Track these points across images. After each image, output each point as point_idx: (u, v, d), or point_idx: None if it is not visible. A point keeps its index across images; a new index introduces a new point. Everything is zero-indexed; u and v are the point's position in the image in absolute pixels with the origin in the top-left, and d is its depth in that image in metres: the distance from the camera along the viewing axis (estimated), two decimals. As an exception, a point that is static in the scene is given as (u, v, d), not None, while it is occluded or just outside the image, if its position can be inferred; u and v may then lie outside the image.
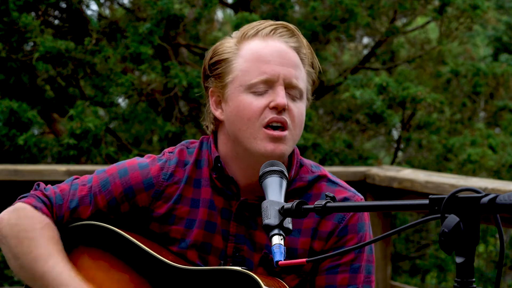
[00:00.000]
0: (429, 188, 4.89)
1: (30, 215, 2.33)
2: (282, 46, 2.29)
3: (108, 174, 2.38)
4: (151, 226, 2.37)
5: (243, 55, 2.29)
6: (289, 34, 2.31)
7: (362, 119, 9.79)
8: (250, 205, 2.33)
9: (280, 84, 2.25)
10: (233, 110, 2.28)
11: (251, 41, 2.30)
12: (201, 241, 2.34)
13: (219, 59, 2.32)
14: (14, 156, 8.18)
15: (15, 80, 8.63)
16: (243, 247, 2.33)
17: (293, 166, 2.36)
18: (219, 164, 2.33)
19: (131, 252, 2.29)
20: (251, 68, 2.27)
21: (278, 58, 2.27)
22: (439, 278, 10.55)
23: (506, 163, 9.83)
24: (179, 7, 8.63)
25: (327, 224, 2.33)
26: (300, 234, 2.32)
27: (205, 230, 2.34)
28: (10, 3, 8.25)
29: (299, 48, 2.31)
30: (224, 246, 2.34)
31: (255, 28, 2.31)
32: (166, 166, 2.37)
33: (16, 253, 2.32)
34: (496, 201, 1.65)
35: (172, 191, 2.36)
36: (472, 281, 1.70)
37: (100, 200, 2.35)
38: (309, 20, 9.57)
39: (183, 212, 2.35)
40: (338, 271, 2.32)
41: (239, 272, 2.17)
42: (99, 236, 2.34)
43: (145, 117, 10.18)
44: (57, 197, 2.37)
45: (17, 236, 2.31)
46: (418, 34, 11.64)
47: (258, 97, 2.26)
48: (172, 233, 2.35)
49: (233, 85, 2.28)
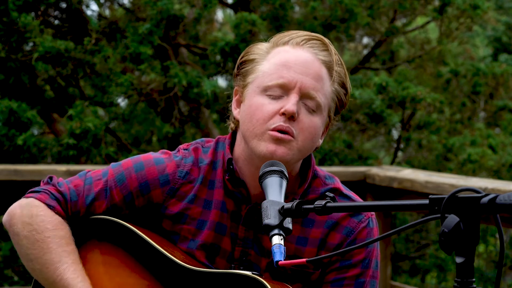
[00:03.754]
0: (429, 188, 4.90)
1: (42, 214, 2.32)
2: (309, 57, 2.26)
3: (124, 168, 2.36)
4: (163, 223, 2.37)
5: (269, 59, 2.29)
6: (322, 47, 2.28)
7: (362, 119, 9.79)
8: (259, 211, 2.32)
9: (295, 92, 2.23)
10: (247, 109, 2.28)
11: (282, 47, 2.29)
12: (210, 242, 2.33)
13: (247, 59, 2.32)
14: (14, 156, 8.18)
15: (14, 80, 8.63)
16: (250, 251, 2.33)
17: (306, 181, 2.34)
18: (231, 166, 2.32)
19: (142, 250, 2.30)
20: (272, 71, 2.26)
21: (301, 67, 2.25)
22: (439, 278, 10.55)
23: (506, 163, 9.84)
24: (179, 7, 8.64)
25: (335, 236, 2.32)
26: (307, 243, 2.31)
27: (215, 232, 2.33)
28: (10, 3, 8.25)
29: (329, 62, 2.28)
30: (232, 249, 2.33)
31: (289, 36, 2.31)
32: (182, 163, 2.36)
33: (28, 255, 2.33)
34: (496, 201, 1.65)
35: (187, 190, 2.35)
36: (472, 281, 1.70)
37: (116, 195, 2.35)
38: (309, 20, 9.57)
39: (196, 212, 2.35)
40: (343, 284, 2.32)
41: (249, 277, 2.17)
42: (112, 231, 2.34)
43: (144, 118, 10.19)
44: (71, 193, 2.36)
45: (29, 237, 2.32)
46: (418, 34, 11.64)
47: (272, 101, 2.24)
48: (183, 232, 2.35)
49: (252, 85, 2.28)
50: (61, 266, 2.29)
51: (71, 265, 2.30)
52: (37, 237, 2.30)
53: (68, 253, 2.31)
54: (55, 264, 2.29)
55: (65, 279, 2.28)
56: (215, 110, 9.59)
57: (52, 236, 2.30)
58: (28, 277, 8.38)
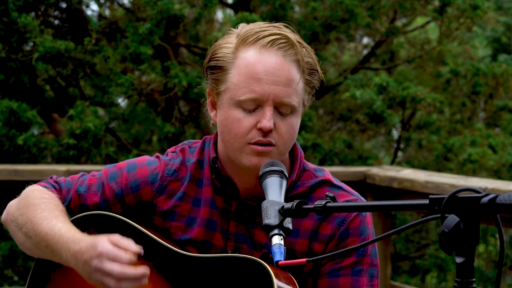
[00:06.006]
0: (429, 188, 4.90)
1: (38, 189, 2.39)
2: (277, 61, 2.23)
3: (117, 168, 2.44)
4: (154, 221, 2.40)
5: (238, 66, 2.25)
6: (288, 46, 2.25)
7: (362, 119, 9.79)
8: (249, 206, 2.34)
9: (269, 104, 2.22)
10: (223, 121, 2.28)
11: (248, 50, 2.25)
12: (201, 239, 2.35)
13: (215, 65, 2.29)
14: (14, 156, 8.18)
15: (15, 80, 8.64)
16: (243, 246, 2.34)
17: (294, 170, 2.35)
18: (216, 165, 2.35)
19: (138, 240, 2.31)
20: (243, 84, 2.23)
21: (271, 76, 2.23)
22: (439, 278, 10.55)
23: (506, 163, 9.84)
24: (179, 7, 8.64)
25: (327, 227, 2.31)
26: (298, 235, 2.31)
27: (206, 229, 2.35)
28: (10, 3, 8.25)
29: (297, 61, 2.26)
30: (224, 244, 2.35)
31: (255, 35, 2.26)
32: (170, 163, 2.41)
33: (21, 222, 2.34)
34: (496, 201, 1.65)
35: (175, 187, 2.39)
36: (472, 281, 1.70)
37: (108, 190, 2.40)
38: (309, 20, 9.57)
39: (185, 209, 2.37)
40: (340, 274, 2.30)
41: (249, 259, 2.16)
42: (106, 225, 2.37)
43: (144, 117, 10.19)
44: (66, 182, 2.45)
45: (24, 206, 2.35)
46: (418, 34, 11.64)
47: (247, 115, 2.24)
48: (172, 229, 2.38)
49: (225, 95, 2.27)
50: (54, 220, 2.28)
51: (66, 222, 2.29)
52: (32, 202, 2.34)
53: (62, 215, 2.32)
54: (49, 219, 2.28)
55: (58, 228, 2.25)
56: (215, 110, 9.57)
57: (48, 202, 2.34)
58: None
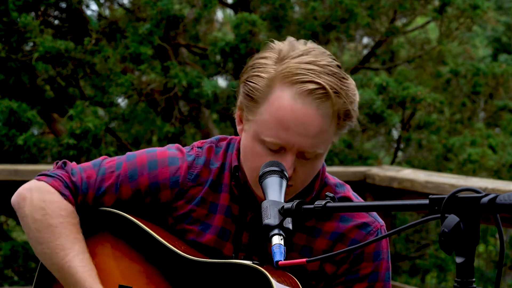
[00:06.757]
0: (429, 188, 4.90)
1: (57, 201, 2.34)
2: (310, 113, 2.14)
3: (138, 164, 2.37)
4: (169, 221, 2.37)
5: (270, 103, 2.17)
6: (325, 97, 2.13)
7: (362, 119, 9.79)
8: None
9: (292, 152, 2.16)
10: (246, 147, 2.24)
11: (284, 90, 2.16)
12: (212, 246, 2.33)
13: (248, 93, 2.21)
14: (14, 156, 8.18)
15: (15, 80, 8.63)
16: (254, 258, 2.29)
17: (315, 188, 2.30)
18: (237, 173, 2.30)
19: (144, 242, 2.32)
20: (270, 125, 2.16)
21: (300, 127, 2.14)
22: (439, 278, 10.55)
23: (506, 163, 9.84)
24: (179, 8, 8.64)
25: (341, 249, 2.25)
26: (311, 254, 2.28)
27: (217, 237, 2.32)
28: (10, 3, 8.25)
29: (332, 112, 2.16)
30: (235, 255, 2.32)
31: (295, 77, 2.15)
32: (193, 165, 2.35)
33: (38, 238, 2.34)
34: (496, 201, 1.65)
35: (195, 192, 2.35)
36: (472, 281, 1.70)
37: (125, 191, 2.36)
38: (309, 20, 9.57)
39: (201, 215, 2.34)
40: None
41: (249, 266, 2.16)
42: (115, 223, 2.37)
43: (144, 117, 10.19)
44: (83, 184, 2.37)
45: (42, 221, 2.33)
46: (418, 34, 11.63)
47: (269, 153, 2.18)
48: (185, 231, 2.35)
49: (252, 125, 2.21)
50: (71, 253, 2.31)
51: (80, 253, 2.32)
52: (50, 222, 2.32)
53: (79, 241, 2.33)
54: (66, 250, 2.31)
55: (73, 266, 2.30)
56: (215, 110, 9.60)
57: (65, 223, 2.33)
58: (28, 277, 8.38)
